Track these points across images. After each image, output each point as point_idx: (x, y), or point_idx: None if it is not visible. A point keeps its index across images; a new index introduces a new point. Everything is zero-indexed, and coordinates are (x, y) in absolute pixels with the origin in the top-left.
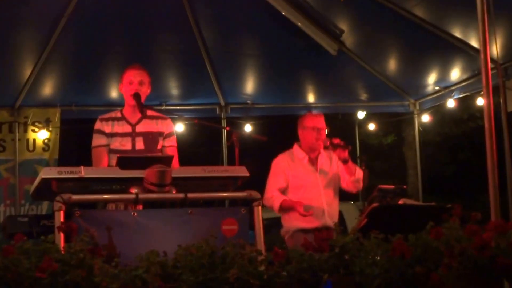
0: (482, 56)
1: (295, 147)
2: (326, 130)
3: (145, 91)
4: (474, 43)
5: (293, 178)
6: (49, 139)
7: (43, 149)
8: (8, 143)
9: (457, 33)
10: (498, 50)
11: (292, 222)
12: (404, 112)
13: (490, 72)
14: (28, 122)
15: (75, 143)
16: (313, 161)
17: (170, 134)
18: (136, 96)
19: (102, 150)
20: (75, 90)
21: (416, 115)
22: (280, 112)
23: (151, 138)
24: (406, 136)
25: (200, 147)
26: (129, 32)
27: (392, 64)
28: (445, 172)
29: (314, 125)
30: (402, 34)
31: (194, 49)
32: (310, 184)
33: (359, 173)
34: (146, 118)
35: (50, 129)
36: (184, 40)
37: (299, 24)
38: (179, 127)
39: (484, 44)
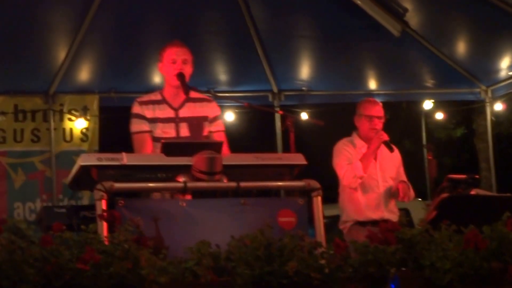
0: None
1: (354, 135)
2: (382, 120)
3: (188, 70)
4: None
5: None
6: (87, 129)
7: (82, 140)
8: (43, 132)
9: None
10: None
11: (349, 214)
12: (475, 100)
13: None
14: (64, 110)
15: (115, 133)
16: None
17: (216, 118)
18: (181, 76)
19: (145, 136)
20: (114, 75)
21: (488, 104)
22: (338, 100)
23: (196, 123)
24: (477, 126)
25: (250, 137)
26: (172, 10)
27: (461, 47)
28: None
29: (367, 113)
30: (472, 12)
31: (243, 30)
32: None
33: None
34: (189, 101)
35: (88, 117)
36: (231, 19)
37: (359, 2)
38: (229, 116)
39: None
